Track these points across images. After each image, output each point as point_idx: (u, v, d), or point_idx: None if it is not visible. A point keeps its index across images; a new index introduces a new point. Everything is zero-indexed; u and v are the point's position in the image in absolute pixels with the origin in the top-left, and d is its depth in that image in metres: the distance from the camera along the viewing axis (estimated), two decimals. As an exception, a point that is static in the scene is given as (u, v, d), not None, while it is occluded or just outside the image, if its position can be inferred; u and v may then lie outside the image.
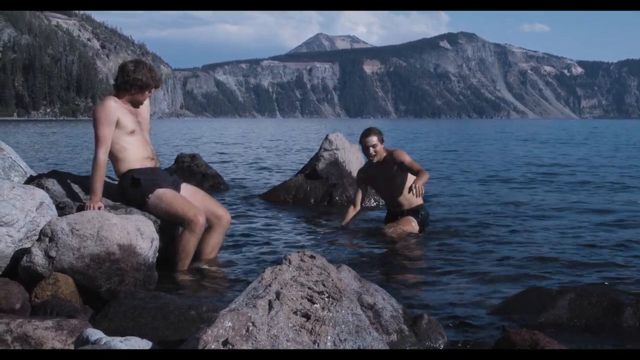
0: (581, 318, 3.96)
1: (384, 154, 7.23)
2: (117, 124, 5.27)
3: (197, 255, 5.44)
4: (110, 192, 5.45)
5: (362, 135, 7.29)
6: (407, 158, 7.02)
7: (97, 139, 5.23)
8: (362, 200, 7.68)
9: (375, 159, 7.23)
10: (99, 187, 5.16)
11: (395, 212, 7.36)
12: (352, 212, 7.57)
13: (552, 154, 25.20)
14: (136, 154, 5.41)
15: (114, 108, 5.27)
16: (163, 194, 5.28)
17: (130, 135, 5.36)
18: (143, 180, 5.29)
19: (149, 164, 5.45)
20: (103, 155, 5.22)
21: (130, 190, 5.34)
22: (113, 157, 5.39)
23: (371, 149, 7.19)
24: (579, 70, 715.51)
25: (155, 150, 5.69)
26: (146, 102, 5.65)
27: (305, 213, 9.12)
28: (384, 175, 7.24)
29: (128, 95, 5.43)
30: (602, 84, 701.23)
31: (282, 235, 7.37)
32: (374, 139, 7.16)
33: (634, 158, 22.22)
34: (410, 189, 6.52)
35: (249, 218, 8.58)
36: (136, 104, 5.52)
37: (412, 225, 7.10)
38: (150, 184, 5.29)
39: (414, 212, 7.21)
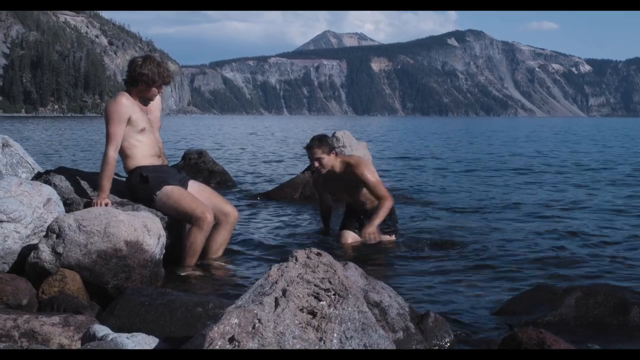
0: (588, 317, 3.96)
1: (339, 164, 6.36)
2: (129, 122, 5.27)
3: (204, 252, 5.45)
4: (117, 188, 5.45)
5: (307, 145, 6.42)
6: (371, 179, 6.21)
7: (107, 137, 5.23)
8: (329, 203, 7.04)
9: (324, 171, 6.37)
10: (106, 184, 5.17)
11: (357, 210, 6.66)
12: (327, 218, 7.12)
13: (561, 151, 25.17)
14: (145, 152, 5.41)
15: (126, 106, 5.26)
16: (171, 191, 5.29)
17: (141, 133, 5.36)
18: (151, 178, 5.30)
19: (156, 161, 5.46)
20: (113, 153, 5.23)
21: (138, 187, 5.35)
22: (122, 154, 5.40)
23: (315, 163, 6.32)
24: (587, 68, 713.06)
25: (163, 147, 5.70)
26: (157, 100, 5.63)
27: (312, 210, 9.11)
28: (346, 184, 6.44)
29: (137, 91, 5.41)
30: (610, 82, 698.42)
31: (289, 232, 7.36)
32: (317, 152, 6.24)
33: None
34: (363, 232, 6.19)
35: (256, 215, 8.59)
36: (146, 101, 5.51)
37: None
38: (158, 181, 5.30)
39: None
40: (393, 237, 6.60)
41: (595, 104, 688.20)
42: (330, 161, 6.30)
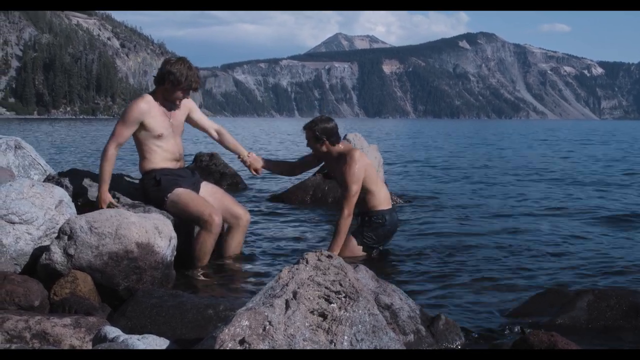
0: (599, 320, 3.93)
1: (336, 150, 5.88)
2: (143, 126, 5.31)
3: (217, 254, 5.46)
4: (129, 190, 5.47)
5: None
6: (348, 176, 5.64)
7: (112, 133, 5.32)
8: (297, 168, 6.48)
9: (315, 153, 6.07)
10: (106, 178, 5.26)
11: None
12: (281, 165, 6.60)
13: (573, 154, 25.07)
14: (163, 156, 5.43)
15: (141, 112, 5.29)
16: (181, 194, 5.31)
17: (158, 138, 5.37)
18: (164, 180, 5.33)
19: (172, 165, 5.47)
20: (112, 150, 5.31)
21: (151, 190, 5.39)
22: (140, 155, 5.50)
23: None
24: (599, 70, 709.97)
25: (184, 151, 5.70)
26: (183, 104, 5.59)
27: (323, 212, 9.11)
28: (338, 170, 5.83)
29: (162, 90, 5.38)
30: (622, 85, 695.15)
31: (300, 234, 7.36)
32: (305, 134, 5.98)
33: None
34: None
35: (268, 217, 8.59)
36: (171, 105, 5.48)
37: (351, 250, 5.86)
38: (170, 184, 5.33)
39: (361, 223, 5.96)
40: (362, 252, 5.95)
41: (608, 106, 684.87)
42: (326, 148, 5.88)
